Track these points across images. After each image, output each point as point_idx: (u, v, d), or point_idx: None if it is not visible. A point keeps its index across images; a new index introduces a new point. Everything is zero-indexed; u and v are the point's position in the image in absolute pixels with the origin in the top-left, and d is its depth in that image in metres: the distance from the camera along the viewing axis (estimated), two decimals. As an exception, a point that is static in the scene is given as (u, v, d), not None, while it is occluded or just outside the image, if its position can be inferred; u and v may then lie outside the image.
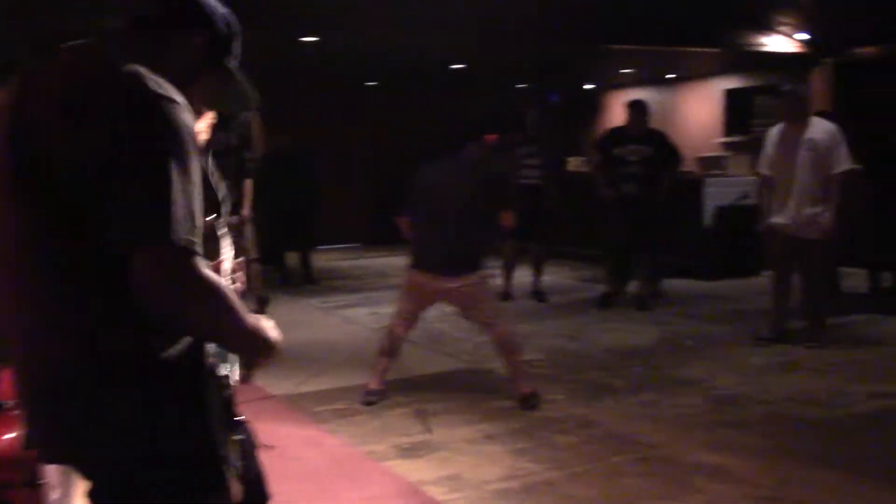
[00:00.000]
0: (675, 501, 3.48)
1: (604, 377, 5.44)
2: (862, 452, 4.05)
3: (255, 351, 1.66)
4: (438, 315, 7.59)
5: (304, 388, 5.23)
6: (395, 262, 11.42)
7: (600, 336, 6.66)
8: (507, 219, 5.28)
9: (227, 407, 1.67)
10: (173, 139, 1.44)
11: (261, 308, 8.00)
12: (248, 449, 1.92)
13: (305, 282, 9.76)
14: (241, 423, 1.75)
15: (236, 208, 7.89)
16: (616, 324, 7.13)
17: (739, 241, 9.18)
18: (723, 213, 9.39)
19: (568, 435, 4.34)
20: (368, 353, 6.03)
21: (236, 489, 1.63)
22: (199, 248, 1.45)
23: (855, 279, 7.96)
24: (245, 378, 1.81)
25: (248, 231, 8.01)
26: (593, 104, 14.17)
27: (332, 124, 13.16)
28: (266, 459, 3.87)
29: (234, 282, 1.88)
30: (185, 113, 1.48)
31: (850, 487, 3.63)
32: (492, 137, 5.10)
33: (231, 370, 1.72)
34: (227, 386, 1.68)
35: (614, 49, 9.93)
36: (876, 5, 8.74)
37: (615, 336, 6.65)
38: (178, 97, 1.48)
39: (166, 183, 1.40)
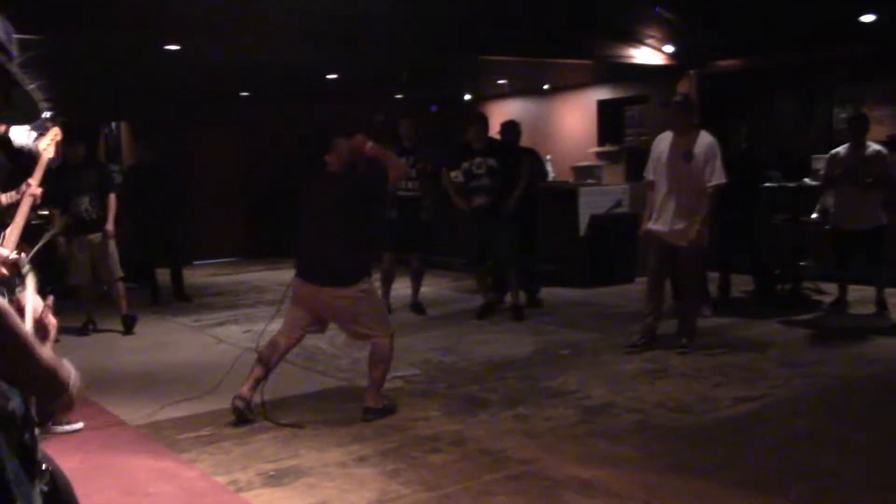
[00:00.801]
0: (544, 519, 3.43)
1: (479, 391, 5.38)
2: (728, 458, 4.10)
3: (51, 393, 1.46)
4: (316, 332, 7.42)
5: (166, 415, 4.96)
6: (273, 276, 11.18)
7: (477, 348, 6.61)
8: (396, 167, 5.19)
9: (26, 452, 1.48)
10: None
11: (127, 329, 7.64)
12: (61, 495, 1.72)
13: (177, 299, 9.40)
14: (45, 469, 1.56)
15: (100, 224, 7.52)
16: (493, 335, 7.11)
17: (613, 248, 9.35)
18: (597, 221, 9.54)
19: (440, 454, 4.24)
20: (241, 374, 5.80)
21: None
22: None
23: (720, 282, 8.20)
24: (45, 420, 1.62)
25: (112, 247, 7.64)
26: (471, 115, 14.24)
27: (205, 135, 12.79)
28: (112, 499, 3.64)
29: (39, 323, 1.67)
30: None
31: (718, 494, 3.66)
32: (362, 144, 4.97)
33: (28, 409, 1.52)
34: (24, 428, 1.49)
35: (489, 60, 9.96)
36: (734, 20, 9.09)
37: (492, 347, 6.62)
38: None
39: None
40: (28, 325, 1.63)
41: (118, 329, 7.65)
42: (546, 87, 13.06)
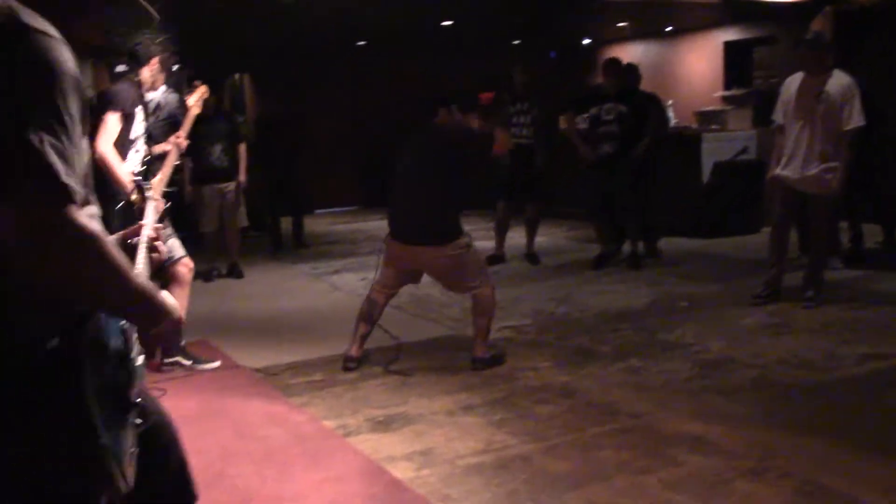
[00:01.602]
0: (651, 475, 3.33)
1: (590, 342, 5.28)
2: (851, 419, 3.88)
3: (146, 319, 1.48)
4: (428, 280, 7.47)
5: (281, 360, 5.09)
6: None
7: (591, 299, 6.49)
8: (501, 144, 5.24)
9: (119, 389, 1.50)
10: (44, 74, 1.28)
11: (237, 275, 7.89)
12: (159, 435, 1.76)
13: (296, 246, 9.63)
14: (140, 405, 1.58)
15: (232, 174, 7.75)
16: (608, 286, 6.96)
17: (737, 197, 8.97)
18: (721, 168, 9.17)
19: (548, 405, 4.19)
20: (351, 321, 5.90)
21: (129, 474, 1.47)
22: (77, 196, 1.28)
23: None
24: (147, 354, 1.64)
25: (240, 197, 7.89)
26: (590, 60, 13.87)
27: (324, 85, 12.93)
28: (225, 440, 3.76)
29: (151, 249, 1.73)
30: (61, 48, 1.31)
31: (837, 457, 3.47)
32: (486, 97, 4.94)
33: (127, 345, 1.55)
34: (120, 365, 1.51)
35: (610, 2, 9.63)
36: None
37: (606, 298, 6.48)
38: (53, 31, 1.31)
39: (39, 122, 1.25)
40: (142, 251, 1.70)
41: (240, 276, 7.91)
42: (669, 29, 12.57)
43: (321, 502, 3.17)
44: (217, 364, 4.94)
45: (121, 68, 4.77)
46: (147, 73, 4.61)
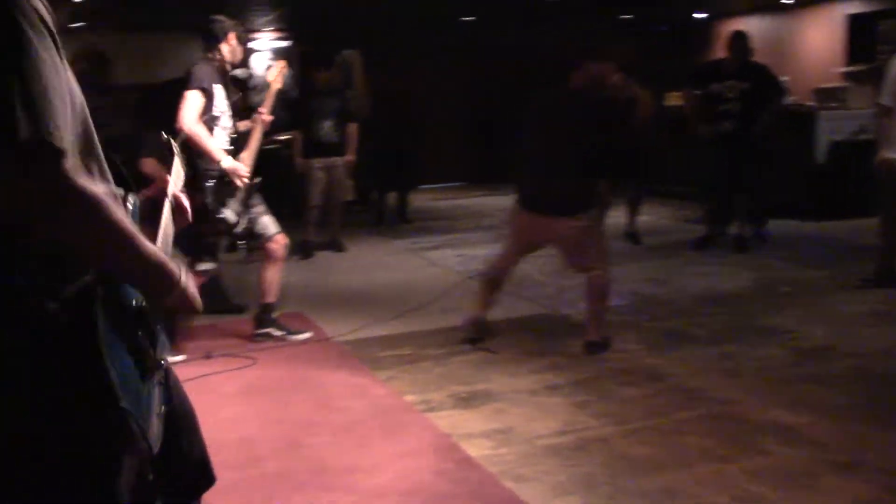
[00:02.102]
0: (734, 464, 3.24)
1: (684, 325, 5.16)
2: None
3: (155, 287, 1.41)
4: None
5: (371, 333, 5.17)
6: (494, 202, 11.27)
7: (690, 281, 6.33)
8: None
9: (139, 350, 1.43)
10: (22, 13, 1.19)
11: (338, 248, 8.05)
12: (182, 420, 1.72)
13: (399, 221, 9.75)
14: (161, 364, 1.53)
15: (341, 149, 7.90)
16: (710, 267, 6.77)
17: (852, 178, 8.55)
18: (838, 148, 8.75)
19: (634, 387, 4.12)
20: (445, 297, 5.95)
21: (153, 436, 1.47)
22: (70, 152, 1.19)
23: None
24: (165, 329, 1.60)
25: (348, 172, 8.05)
26: (704, 34, 13.43)
27: (431, 61, 12.95)
28: (306, 410, 3.84)
29: (174, 208, 1.68)
30: None
31: (938, 454, 3.30)
32: (604, 68, 4.78)
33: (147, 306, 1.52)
34: (141, 325, 1.45)
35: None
36: None
37: (706, 281, 6.31)
38: None
39: (21, 62, 1.16)
40: (166, 211, 1.66)
41: (341, 249, 8.06)
42: (788, 1, 12.03)
43: (392, 474, 3.21)
44: (308, 335, 5.04)
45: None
46: (226, 49, 4.71)
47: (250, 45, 12.31)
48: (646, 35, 10.88)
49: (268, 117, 4.90)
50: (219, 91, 4.66)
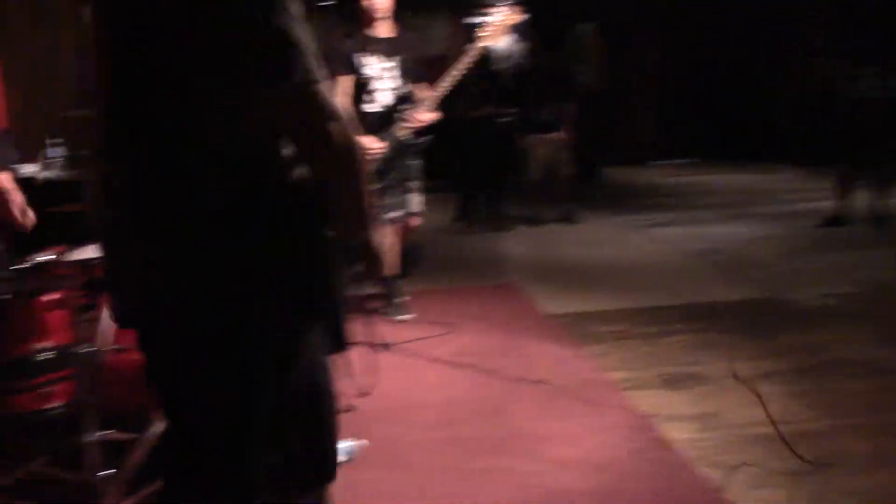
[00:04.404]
0: (962, 472, 2.95)
1: (927, 318, 4.72)
2: None
3: (354, 220, 1.66)
4: (756, 236, 7.11)
5: (586, 307, 5.15)
6: (731, 180, 10.82)
7: (943, 270, 5.77)
8: None
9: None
10: None
11: (566, 220, 8.06)
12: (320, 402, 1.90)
13: (623, 197, 9.62)
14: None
15: (555, 126, 7.92)
16: (969, 257, 6.13)
17: None
18: None
19: (857, 381, 3.83)
20: (664, 276, 5.82)
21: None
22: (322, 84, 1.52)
23: None
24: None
25: (568, 147, 8.05)
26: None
27: (658, 35, 12.54)
28: (511, 379, 3.91)
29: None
30: None
31: None
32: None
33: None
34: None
35: None
36: None
37: (965, 271, 5.73)
38: None
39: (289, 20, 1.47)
40: None
41: (570, 222, 8.08)
42: None
43: (586, 448, 3.21)
44: (410, 317, 5.05)
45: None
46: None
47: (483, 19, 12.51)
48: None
49: (438, 91, 4.70)
50: (364, 59, 4.78)
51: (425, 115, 4.75)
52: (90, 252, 3.00)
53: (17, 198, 3.10)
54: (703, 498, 2.83)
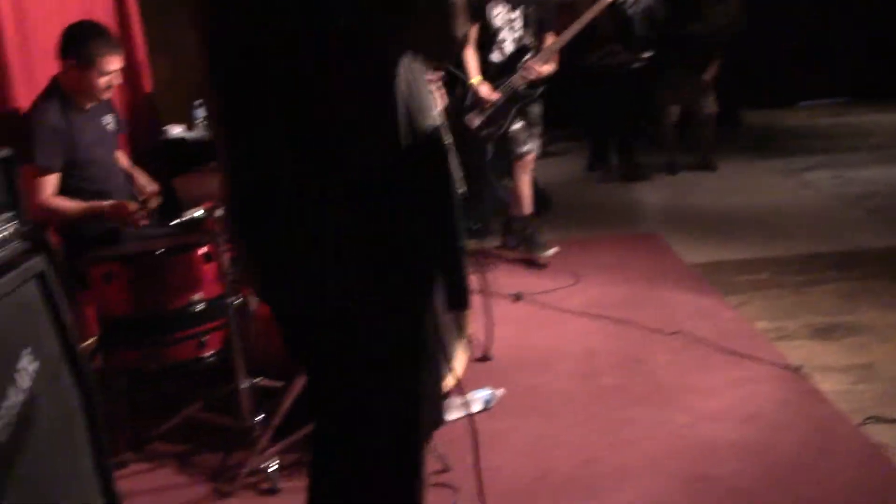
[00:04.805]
0: None
1: None
2: None
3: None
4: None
5: (728, 255, 4.98)
6: (885, 119, 10.15)
7: None
8: None
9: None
10: None
11: (709, 167, 7.78)
12: None
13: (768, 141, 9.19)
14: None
15: (697, 66, 7.64)
16: None
17: None
18: None
19: None
20: (813, 222, 5.56)
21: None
22: None
23: None
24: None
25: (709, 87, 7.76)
26: None
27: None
28: (649, 329, 3.84)
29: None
30: None
31: None
32: None
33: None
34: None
35: None
36: None
37: None
38: None
39: None
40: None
41: (708, 169, 7.81)
42: None
43: (731, 400, 3.12)
44: (554, 250, 5.06)
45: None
46: None
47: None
48: None
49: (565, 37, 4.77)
50: (493, 10, 4.83)
51: (543, 67, 4.82)
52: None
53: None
54: (863, 452, 2.70)
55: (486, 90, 4.82)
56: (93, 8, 4.10)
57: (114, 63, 3.30)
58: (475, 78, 4.84)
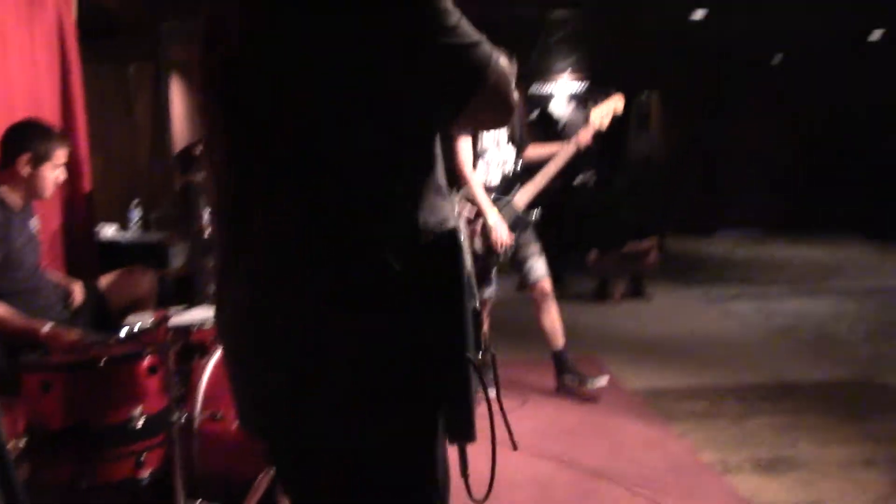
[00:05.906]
0: None
1: None
2: None
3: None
4: (833, 314, 6.91)
5: (665, 384, 5.01)
6: (797, 253, 10.60)
7: None
8: None
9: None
10: None
11: (638, 295, 7.92)
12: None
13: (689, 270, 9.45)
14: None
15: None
16: None
17: None
18: None
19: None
20: (743, 352, 5.66)
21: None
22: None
23: None
24: None
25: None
26: None
27: (731, 103, 12.48)
28: (599, 458, 3.76)
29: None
30: None
31: None
32: None
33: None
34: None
35: None
36: None
37: None
38: None
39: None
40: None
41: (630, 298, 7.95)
42: None
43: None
44: (605, 379, 4.71)
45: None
46: None
47: (550, 86, 12.60)
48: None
49: (585, 140, 4.55)
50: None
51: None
52: (187, 317, 2.98)
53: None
54: None
55: (504, 234, 4.43)
56: (40, 104, 3.98)
57: (64, 156, 3.37)
58: (492, 217, 4.42)
